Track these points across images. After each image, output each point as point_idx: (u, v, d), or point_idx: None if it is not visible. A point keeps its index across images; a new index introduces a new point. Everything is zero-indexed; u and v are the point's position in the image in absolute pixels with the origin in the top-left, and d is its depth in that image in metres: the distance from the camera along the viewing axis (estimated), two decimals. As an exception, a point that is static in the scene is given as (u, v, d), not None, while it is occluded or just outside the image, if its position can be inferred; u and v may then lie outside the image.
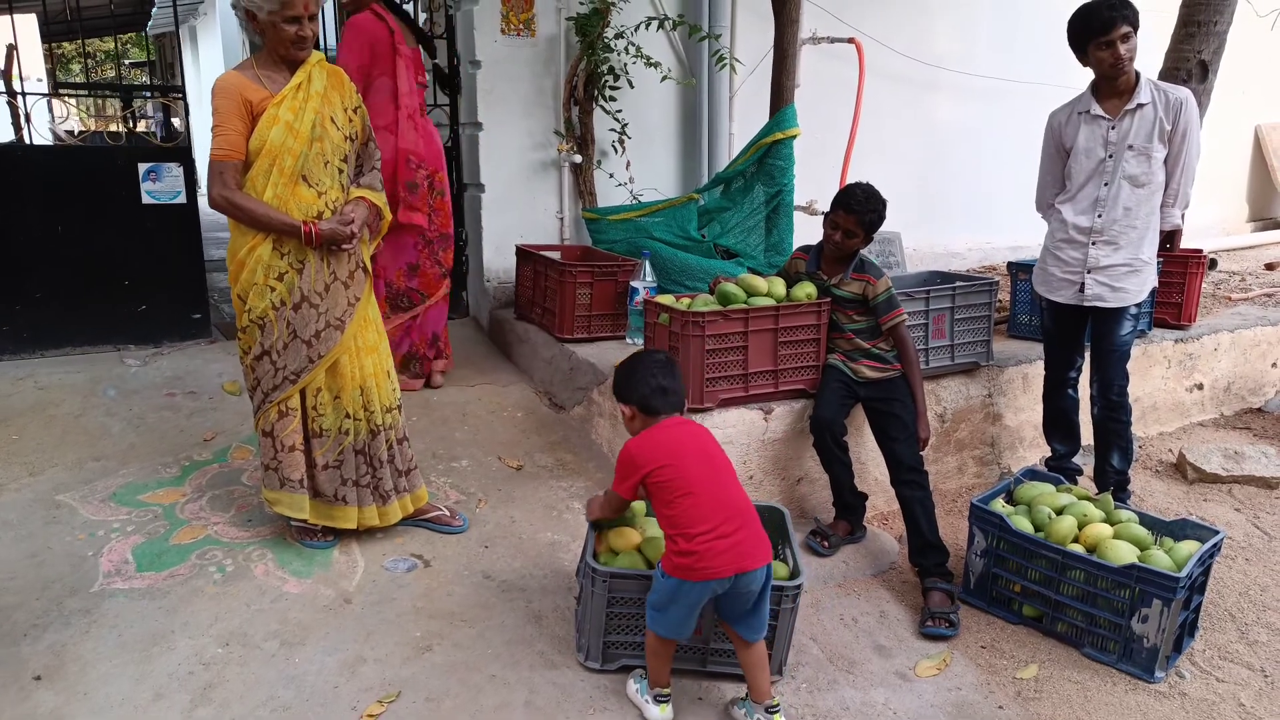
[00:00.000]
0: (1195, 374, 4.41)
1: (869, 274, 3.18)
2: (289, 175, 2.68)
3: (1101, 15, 3.10)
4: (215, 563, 2.86)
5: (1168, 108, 3.15)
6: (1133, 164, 3.19)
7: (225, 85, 2.65)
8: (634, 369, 2.38)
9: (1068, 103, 3.35)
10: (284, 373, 2.81)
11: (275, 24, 2.61)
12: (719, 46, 4.72)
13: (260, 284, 2.74)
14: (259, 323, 2.78)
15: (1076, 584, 2.72)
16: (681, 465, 2.26)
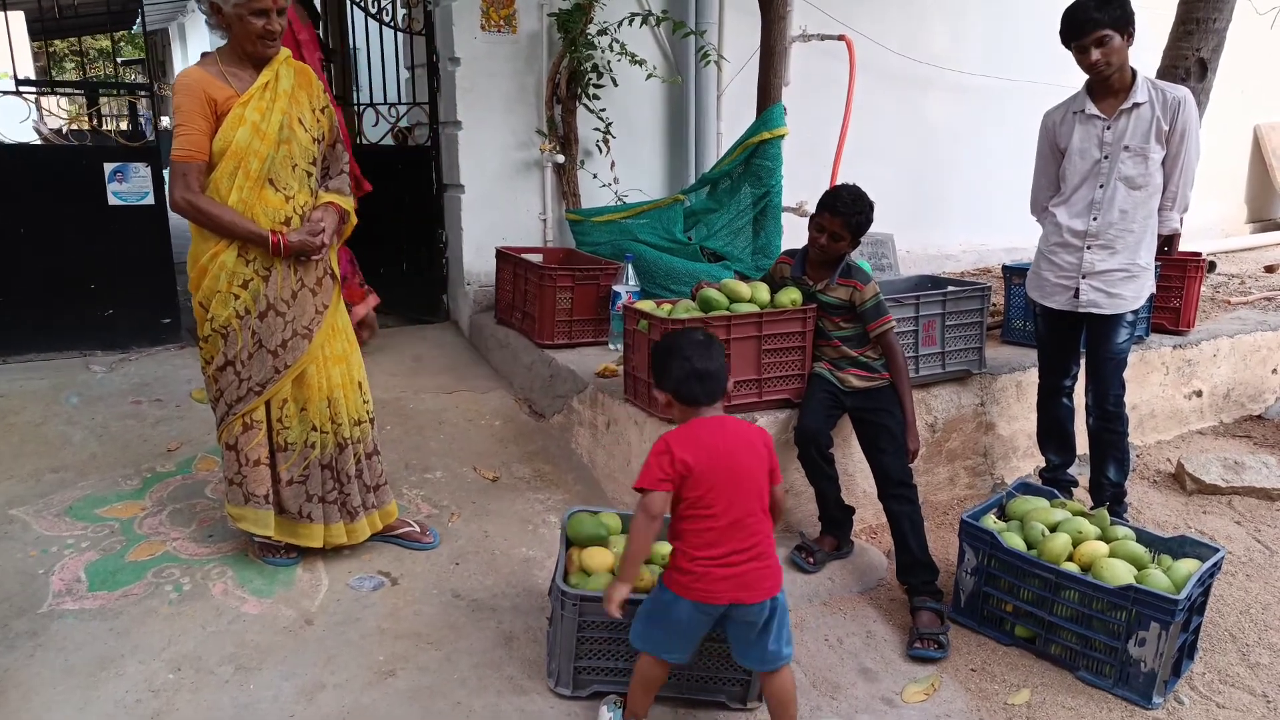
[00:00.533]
0: (1194, 381, 4.30)
1: (856, 279, 3.06)
2: (255, 179, 2.56)
3: (1075, 17, 3.01)
4: (172, 581, 2.74)
5: (1165, 107, 3.04)
6: (1129, 165, 3.08)
7: (187, 82, 2.53)
8: (670, 350, 2.17)
9: (1063, 102, 3.24)
10: (249, 384, 2.69)
11: (241, 17, 2.49)
12: (705, 43, 4.60)
13: (224, 291, 2.62)
14: (222, 332, 2.66)
15: (1071, 605, 2.60)
16: (712, 481, 2.07)
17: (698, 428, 2.12)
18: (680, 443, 2.08)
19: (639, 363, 3.15)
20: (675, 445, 2.07)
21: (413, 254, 4.89)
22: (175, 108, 2.51)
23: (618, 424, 3.33)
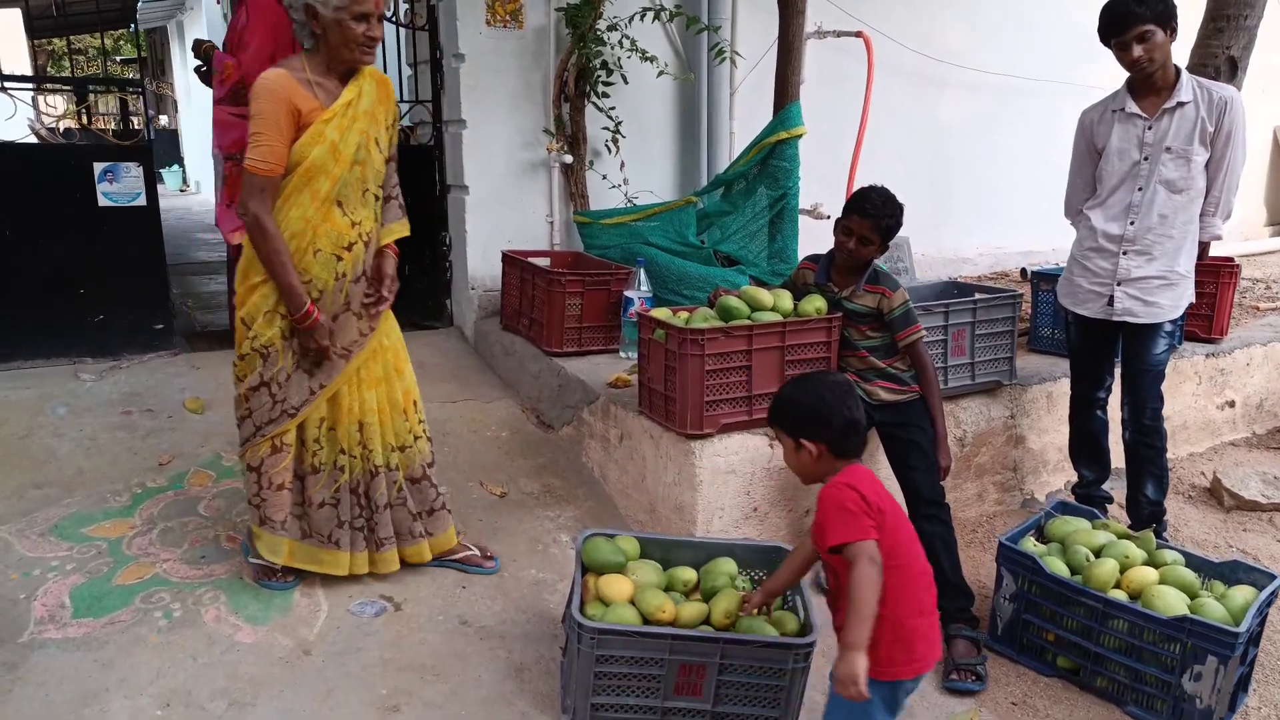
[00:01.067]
0: (1227, 390, 4.14)
1: (884, 286, 2.90)
2: (323, 200, 2.42)
3: (1115, 12, 2.85)
4: (161, 607, 2.57)
5: (1211, 107, 2.88)
6: (1170, 168, 2.92)
7: (273, 87, 2.33)
8: (824, 398, 1.90)
9: (1101, 100, 3.08)
10: (283, 405, 2.54)
11: (341, 22, 2.33)
12: (719, 39, 4.44)
13: (271, 310, 2.47)
14: (262, 351, 2.50)
15: (1119, 635, 2.44)
16: (896, 525, 1.85)
17: (857, 475, 1.87)
18: (864, 485, 1.83)
19: (655, 374, 2.99)
20: (862, 487, 1.82)
21: (415, 257, 4.72)
22: (257, 113, 2.33)
23: (632, 438, 3.17)
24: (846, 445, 1.91)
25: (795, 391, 1.98)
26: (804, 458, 1.93)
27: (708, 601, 2.34)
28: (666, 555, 2.52)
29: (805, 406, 1.93)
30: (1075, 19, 6.05)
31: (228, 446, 3.40)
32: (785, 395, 1.99)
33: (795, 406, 1.95)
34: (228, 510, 3.04)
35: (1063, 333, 3.83)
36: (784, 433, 1.97)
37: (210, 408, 3.65)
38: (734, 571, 2.43)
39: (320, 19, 2.34)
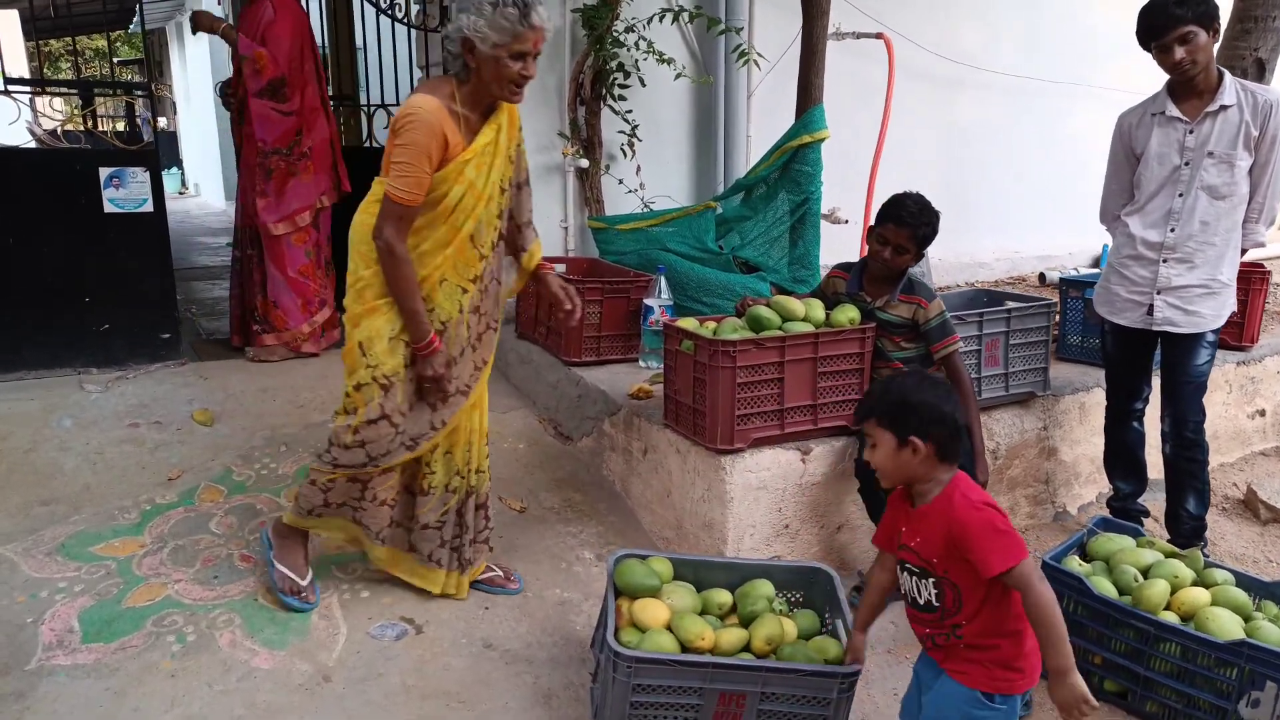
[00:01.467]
0: (1258, 399, 4.06)
1: (920, 295, 2.81)
2: (462, 236, 2.40)
3: (1154, 15, 2.76)
4: (174, 630, 2.48)
5: (1255, 111, 2.80)
6: (1213, 173, 2.83)
7: (429, 117, 2.25)
8: (939, 398, 1.83)
9: (1140, 103, 2.99)
10: (402, 438, 2.47)
11: (499, 59, 2.26)
12: (739, 41, 4.35)
13: (394, 336, 2.39)
14: (384, 383, 2.40)
15: (1171, 659, 2.35)
16: None
17: (972, 483, 1.84)
18: (990, 498, 1.82)
19: (682, 386, 2.89)
20: (993, 501, 1.81)
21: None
22: (409, 142, 2.24)
23: (656, 451, 3.08)
24: (953, 448, 1.83)
25: (908, 389, 1.85)
26: (906, 456, 1.81)
27: (745, 626, 2.25)
28: (699, 577, 2.43)
29: (921, 404, 1.82)
30: (1091, 21, 5.98)
31: (239, 460, 3.30)
32: (898, 391, 1.86)
33: (910, 404, 1.82)
34: (240, 527, 2.94)
35: (1092, 341, 3.76)
36: (888, 430, 1.83)
37: (220, 419, 3.56)
38: (771, 594, 2.34)
39: (476, 54, 2.27)
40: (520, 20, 2.23)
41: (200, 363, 4.07)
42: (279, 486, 3.17)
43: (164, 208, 3.87)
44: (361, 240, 2.39)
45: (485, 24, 2.23)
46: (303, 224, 3.98)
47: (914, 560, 1.86)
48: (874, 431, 1.86)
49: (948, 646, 1.83)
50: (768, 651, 2.15)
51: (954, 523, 1.75)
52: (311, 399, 3.77)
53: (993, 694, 1.76)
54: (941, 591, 1.81)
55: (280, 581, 2.59)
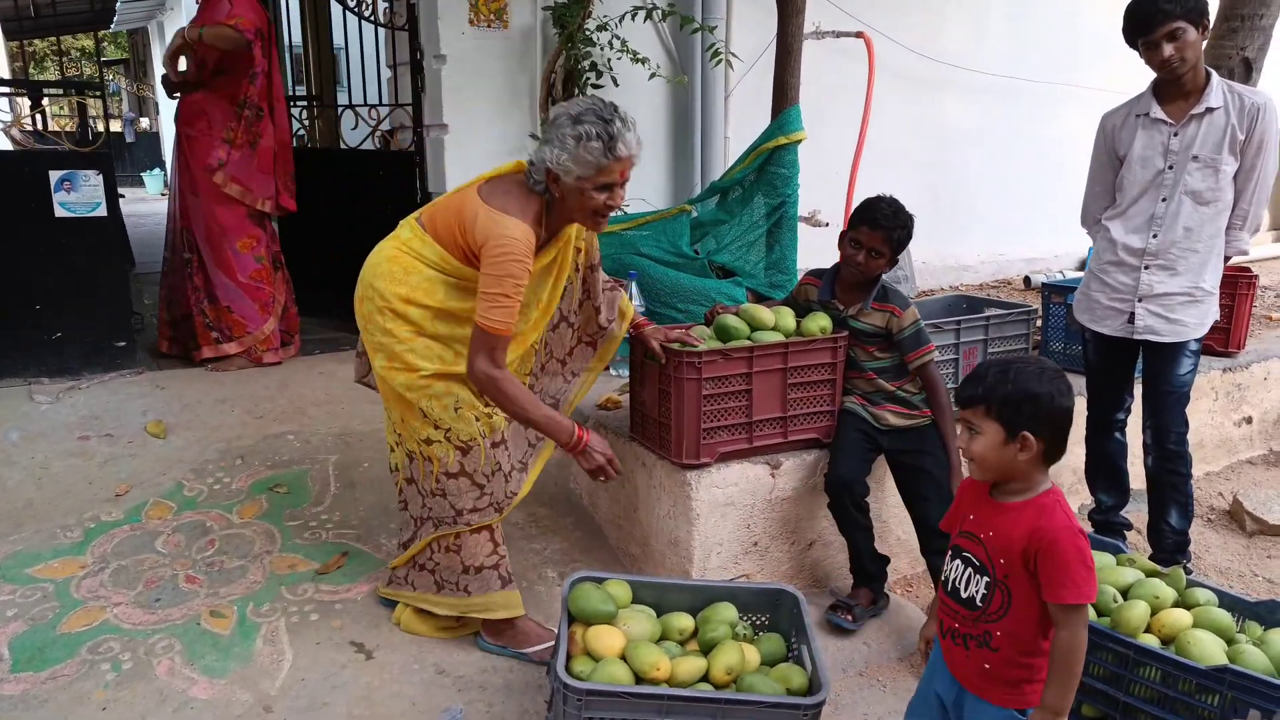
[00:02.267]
0: (1244, 406, 3.97)
1: (893, 303, 2.71)
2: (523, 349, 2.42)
3: (1142, 10, 2.64)
4: (109, 658, 2.36)
5: (1242, 114, 2.69)
6: (1197, 177, 2.74)
7: (525, 250, 2.17)
8: (1062, 391, 1.68)
9: (1124, 103, 2.89)
10: (490, 498, 2.39)
11: (583, 190, 2.20)
12: (715, 40, 4.25)
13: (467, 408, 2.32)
14: (462, 446, 2.33)
15: (1151, 684, 2.24)
16: None
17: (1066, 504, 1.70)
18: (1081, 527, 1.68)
19: (648, 398, 2.79)
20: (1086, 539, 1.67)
21: (395, 268, 4.52)
22: (504, 273, 2.15)
23: (623, 464, 2.96)
24: (1061, 449, 1.71)
25: (1028, 378, 1.68)
26: (1012, 452, 1.68)
27: (706, 652, 2.15)
28: (661, 599, 2.32)
29: (1043, 396, 1.67)
30: (1078, 22, 5.90)
31: (190, 474, 3.19)
32: (1018, 379, 1.68)
33: (1031, 395, 1.67)
34: (187, 546, 2.82)
35: (1075, 348, 3.65)
36: (997, 421, 1.68)
37: (173, 431, 3.44)
38: (734, 619, 2.24)
39: (561, 184, 2.20)
40: (605, 153, 2.15)
41: (157, 372, 3.95)
42: (231, 502, 3.06)
43: (119, 211, 3.75)
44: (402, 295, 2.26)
45: (569, 158, 2.15)
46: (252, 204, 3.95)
47: (976, 553, 1.74)
48: (979, 421, 1.71)
49: (974, 655, 1.75)
50: (728, 681, 2.04)
51: (1045, 535, 1.64)
52: (271, 409, 3.66)
53: (1025, 709, 1.72)
54: (991, 594, 1.71)
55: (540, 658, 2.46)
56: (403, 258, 2.29)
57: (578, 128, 2.15)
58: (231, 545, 2.85)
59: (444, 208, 2.32)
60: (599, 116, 2.16)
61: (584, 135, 2.14)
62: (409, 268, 2.28)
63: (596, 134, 2.14)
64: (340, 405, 3.76)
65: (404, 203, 4.38)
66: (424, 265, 2.28)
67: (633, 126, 2.21)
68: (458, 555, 2.42)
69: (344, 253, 4.64)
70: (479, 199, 2.23)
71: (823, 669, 2.04)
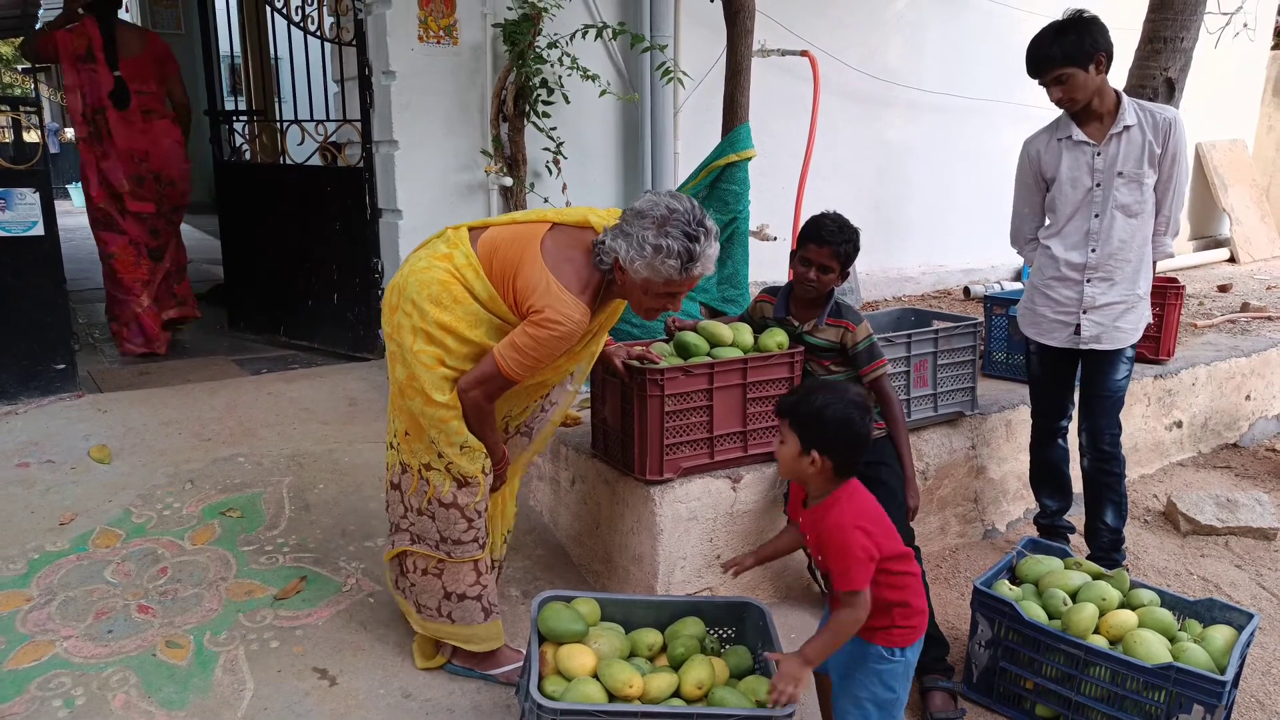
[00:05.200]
0: (1174, 411, 4.15)
1: (847, 319, 2.78)
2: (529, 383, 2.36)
3: (1032, 55, 2.84)
4: (62, 694, 2.29)
5: (1156, 130, 2.84)
6: (1124, 192, 2.87)
7: (576, 328, 2.14)
8: (853, 419, 1.91)
9: (1044, 128, 3.02)
10: (476, 531, 2.37)
11: (647, 290, 2.16)
12: (664, 58, 4.30)
13: (471, 447, 2.29)
14: (461, 479, 2.31)
15: (1101, 683, 2.34)
16: (893, 534, 2.00)
17: (859, 496, 1.98)
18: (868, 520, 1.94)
19: (610, 415, 2.81)
20: (868, 524, 1.93)
21: (344, 285, 4.46)
22: (544, 340, 2.13)
23: (585, 481, 2.98)
24: (852, 468, 1.96)
25: (825, 403, 1.93)
26: (805, 465, 1.94)
27: (675, 668, 2.17)
28: (628, 616, 2.34)
29: (831, 422, 1.91)
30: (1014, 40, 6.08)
31: (138, 500, 3.10)
32: (814, 404, 1.93)
33: (823, 419, 1.91)
34: (139, 574, 2.75)
35: (1017, 358, 3.79)
36: (795, 434, 1.95)
37: (119, 456, 3.34)
38: (702, 633, 2.27)
39: (625, 274, 2.15)
40: (680, 271, 2.10)
41: (99, 394, 3.83)
42: (182, 529, 2.98)
43: (56, 230, 3.63)
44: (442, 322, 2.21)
45: (642, 264, 2.10)
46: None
47: (810, 546, 2.05)
48: (785, 430, 1.98)
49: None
50: (699, 696, 2.06)
51: (824, 532, 1.93)
52: (219, 431, 3.58)
53: (892, 645, 1.99)
54: (828, 579, 1.98)
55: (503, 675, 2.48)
56: (454, 285, 2.22)
57: (661, 240, 2.07)
58: (185, 572, 2.78)
59: (505, 249, 2.23)
60: (685, 234, 2.08)
61: (665, 250, 2.07)
62: (459, 297, 2.21)
63: (678, 251, 2.07)
64: (291, 426, 3.69)
65: (353, 219, 4.33)
66: (473, 300, 2.22)
67: (715, 237, 2.15)
68: (439, 580, 2.39)
69: (290, 270, 4.60)
70: (541, 258, 2.17)
71: (790, 680, 2.08)
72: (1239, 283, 6.43)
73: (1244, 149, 8.00)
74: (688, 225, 2.10)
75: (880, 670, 2.00)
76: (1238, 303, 5.56)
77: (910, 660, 2.03)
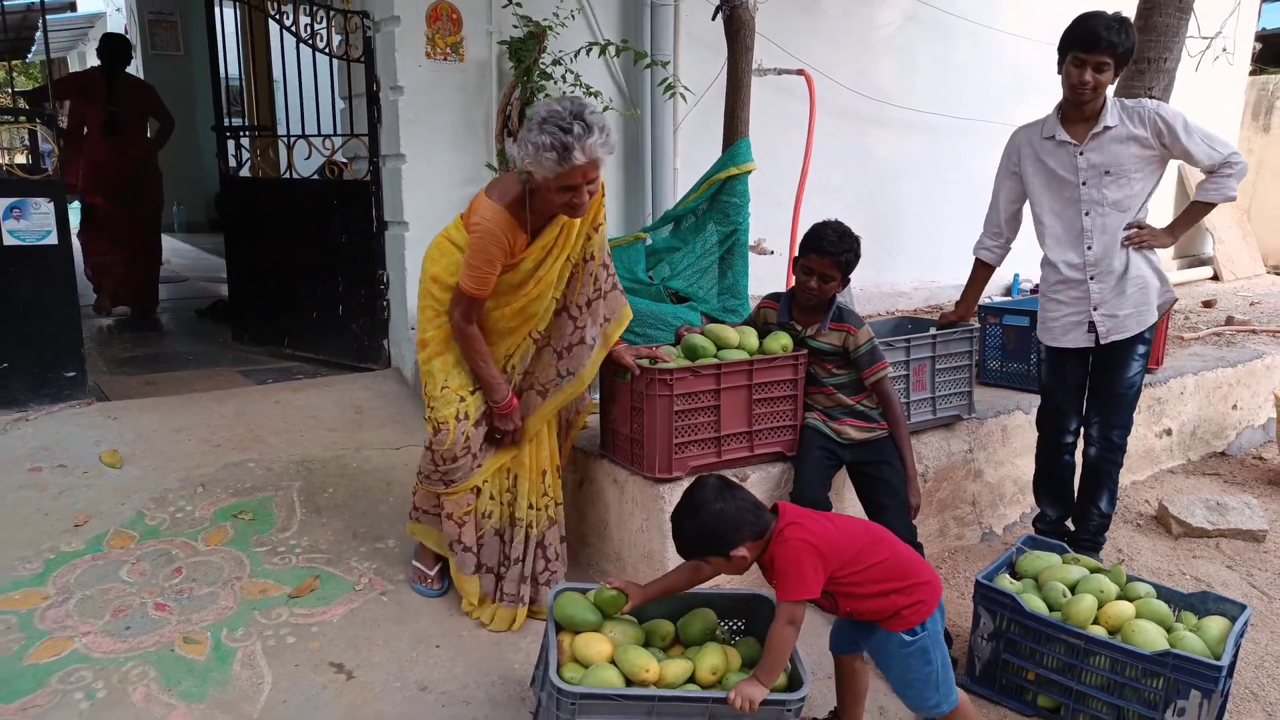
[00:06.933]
0: (1164, 419, 4.24)
1: (849, 323, 2.86)
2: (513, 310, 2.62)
3: (1090, 28, 2.81)
4: (83, 687, 2.32)
5: (1142, 121, 2.89)
6: (1113, 189, 2.96)
7: (494, 229, 2.46)
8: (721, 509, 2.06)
9: (1032, 124, 3.11)
10: (440, 472, 2.66)
11: (549, 188, 2.42)
12: (666, 74, 4.41)
13: (451, 389, 2.61)
14: (435, 425, 2.62)
15: (1101, 672, 2.41)
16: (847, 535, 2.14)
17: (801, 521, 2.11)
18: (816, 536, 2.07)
19: (619, 415, 2.87)
20: (815, 539, 2.07)
21: (351, 296, 4.53)
22: (477, 248, 2.47)
23: (593, 482, 3.04)
24: (762, 523, 2.08)
25: (696, 522, 2.07)
26: (740, 562, 2.07)
27: (689, 657, 2.22)
28: (641, 609, 2.38)
29: (717, 525, 2.04)
30: (997, 63, 6.27)
31: (151, 503, 3.14)
32: (692, 531, 2.07)
33: (708, 532, 2.06)
34: (154, 574, 2.79)
35: (1011, 366, 3.88)
36: (713, 557, 2.08)
37: (130, 461, 3.38)
38: (715, 623, 2.32)
39: (534, 178, 2.42)
40: (560, 162, 2.33)
41: (108, 402, 3.87)
42: (195, 530, 3.02)
43: (69, 240, 3.68)
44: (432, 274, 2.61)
45: (531, 163, 2.37)
46: None
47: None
48: (705, 563, 2.13)
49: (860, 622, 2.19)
50: (713, 681, 2.12)
51: (775, 555, 2.07)
52: (228, 438, 3.62)
53: (911, 628, 2.11)
54: (818, 603, 2.14)
55: (410, 575, 2.85)
56: (444, 243, 2.62)
57: (539, 136, 2.33)
58: (199, 572, 2.82)
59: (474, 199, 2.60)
60: (558, 125, 2.32)
61: (540, 145, 2.32)
62: (444, 250, 2.60)
63: (551, 144, 2.31)
64: (299, 433, 3.74)
65: (360, 232, 4.41)
66: (455, 249, 2.57)
67: (598, 128, 2.35)
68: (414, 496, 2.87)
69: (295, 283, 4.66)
70: (484, 189, 2.55)
71: (801, 667, 2.14)
72: (1223, 299, 6.57)
73: (1225, 170, 8.19)
74: (560, 119, 2.32)
75: (908, 653, 2.11)
76: (1222, 317, 5.69)
77: (933, 631, 2.13)
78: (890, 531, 2.74)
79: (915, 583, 2.12)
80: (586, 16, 4.52)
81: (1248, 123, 8.69)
